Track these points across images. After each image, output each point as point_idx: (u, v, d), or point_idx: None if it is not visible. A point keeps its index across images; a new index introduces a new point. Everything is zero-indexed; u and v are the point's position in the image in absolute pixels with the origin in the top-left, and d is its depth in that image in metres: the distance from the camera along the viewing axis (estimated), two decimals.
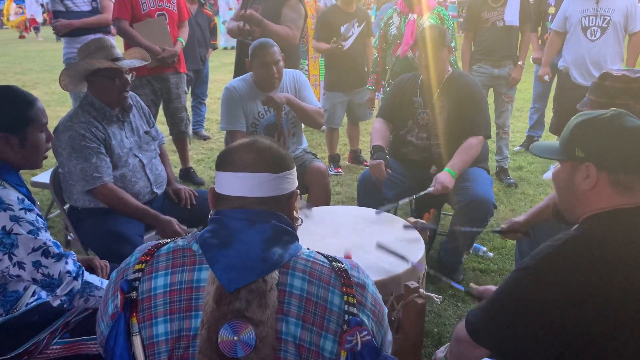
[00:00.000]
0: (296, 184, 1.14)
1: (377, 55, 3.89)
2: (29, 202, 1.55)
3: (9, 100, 1.59)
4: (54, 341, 1.57)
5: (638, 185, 1.12)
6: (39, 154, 1.65)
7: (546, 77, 4.32)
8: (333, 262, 1.05)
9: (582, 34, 3.79)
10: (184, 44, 3.92)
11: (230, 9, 11.57)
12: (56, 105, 7.09)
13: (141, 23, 3.65)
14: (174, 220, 2.31)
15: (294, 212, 1.13)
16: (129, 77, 2.32)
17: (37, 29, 16.94)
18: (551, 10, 4.52)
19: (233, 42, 7.02)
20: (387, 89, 3.70)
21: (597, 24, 3.75)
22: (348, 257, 1.74)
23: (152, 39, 3.63)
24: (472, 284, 1.64)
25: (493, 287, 1.51)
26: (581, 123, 1.18)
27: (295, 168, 1.14)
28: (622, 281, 1.02)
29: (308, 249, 1.08)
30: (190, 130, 4.19)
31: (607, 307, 1.02)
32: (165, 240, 1.08)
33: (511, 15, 3.89)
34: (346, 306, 0.99)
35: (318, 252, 1.07)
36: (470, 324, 1.22)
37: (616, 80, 1.96)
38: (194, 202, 2.59)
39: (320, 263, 1.03)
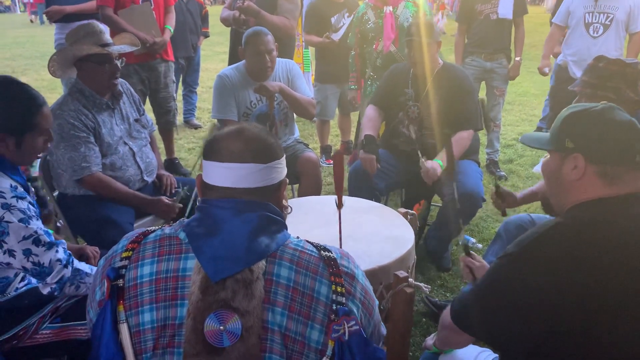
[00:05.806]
0: (285, 172, 1.11)
1: (355, 54, 3.74)
2: (22, 190, 1.54)
3: (19, 101, 1.56)
4: (44, 326, 1.57)
5: (627, 177, 1.13)
6: (32, 157, 1.65)
7: (546, 69, 4.32)
8: (322, 252, 1.03)
9: (585, 30, 3.82)
10: (172, 31, 3.83)
11: None
12: (46, 92, 6.99)
13: (126, 10, 3.56)
14: (162, 197, 2.32)
15: (283, 200, 1.11)
16: (118, 62, 2.30)
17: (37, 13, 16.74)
18: None
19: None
20: (369, 83, 3.66)
21: (600, 21, 3.77)
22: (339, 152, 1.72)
23: (137, 26, 3.54)
24: (462, 256, 1.61)
25: (486, 264, 1.52)
26: (572, 115, 1.20)
27: (284, 157, 1.11)
28: (601, 269, 1.04)
29: (297, 237, 1.07)
30: (177, 121, 4.09)
31: (587, 295, 1.03)
32: (152, 228, 1.07)
33: (505, 8, 3.89)
34: (334, 295, 0.98)
35: (307, 241, 1.06)
36: (455, 312, 1.24)
37: (611, 63, 2.00)
38: (173, 192, 2.57)
39: (309, 252, 1.02)
